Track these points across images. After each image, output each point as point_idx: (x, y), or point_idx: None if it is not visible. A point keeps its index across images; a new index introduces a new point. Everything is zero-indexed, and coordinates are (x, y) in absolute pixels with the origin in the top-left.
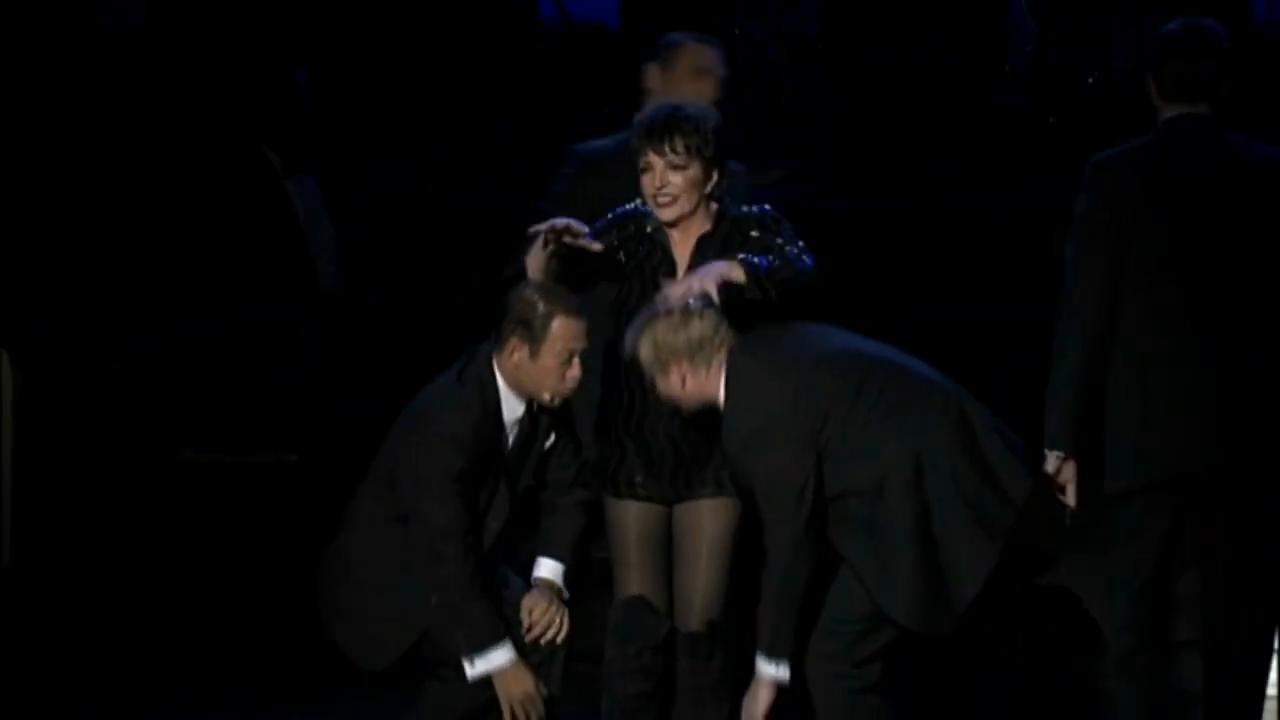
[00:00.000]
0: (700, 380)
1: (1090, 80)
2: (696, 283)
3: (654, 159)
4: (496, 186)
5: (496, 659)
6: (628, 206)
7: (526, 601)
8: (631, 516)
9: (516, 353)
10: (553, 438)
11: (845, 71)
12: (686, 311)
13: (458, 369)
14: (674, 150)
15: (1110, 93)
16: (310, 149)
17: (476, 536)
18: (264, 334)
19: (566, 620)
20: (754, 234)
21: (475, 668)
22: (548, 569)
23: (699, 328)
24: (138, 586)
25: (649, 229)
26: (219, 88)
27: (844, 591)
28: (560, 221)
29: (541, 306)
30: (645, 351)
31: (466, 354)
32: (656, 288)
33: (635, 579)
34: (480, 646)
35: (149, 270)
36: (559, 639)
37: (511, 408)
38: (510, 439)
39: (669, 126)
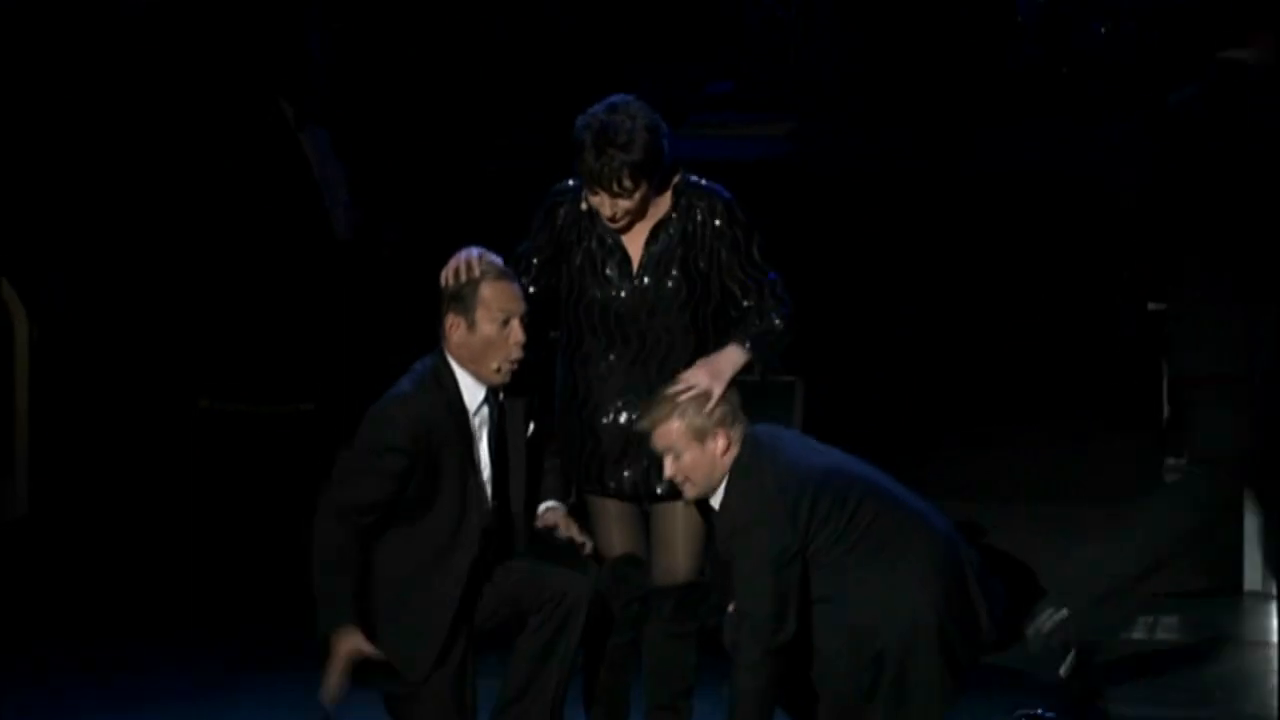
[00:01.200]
0: (731, 453)
1: (1102, 31)
2: (704, 384)
3: (603, 195)
4: (511, 135)
5: (334, 639)
6: (557, 186)
7: (551, 517)
8: (610, 499)
9: (455, 330)
10: (531, 427)
11: (855, 26)
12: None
13: (417, 364)
14: (620, 185)
15: (1122, 45)
16: (325, 97)
17: (376, 522)
18: (278, 285)
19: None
20: (706, 223)
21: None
22: (553, 504)
23: (725, 404)
24: (155, 536)
25: (585, 207)
26: (232, 41)
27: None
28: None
29: (466, 277)
30: (679, 425)
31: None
32: (610, 282)
33: (616, 528)
34: (324, 624)
35: (163, 224)
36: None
37: (472, 393)
38: (480, 428)
39: (609, 162)
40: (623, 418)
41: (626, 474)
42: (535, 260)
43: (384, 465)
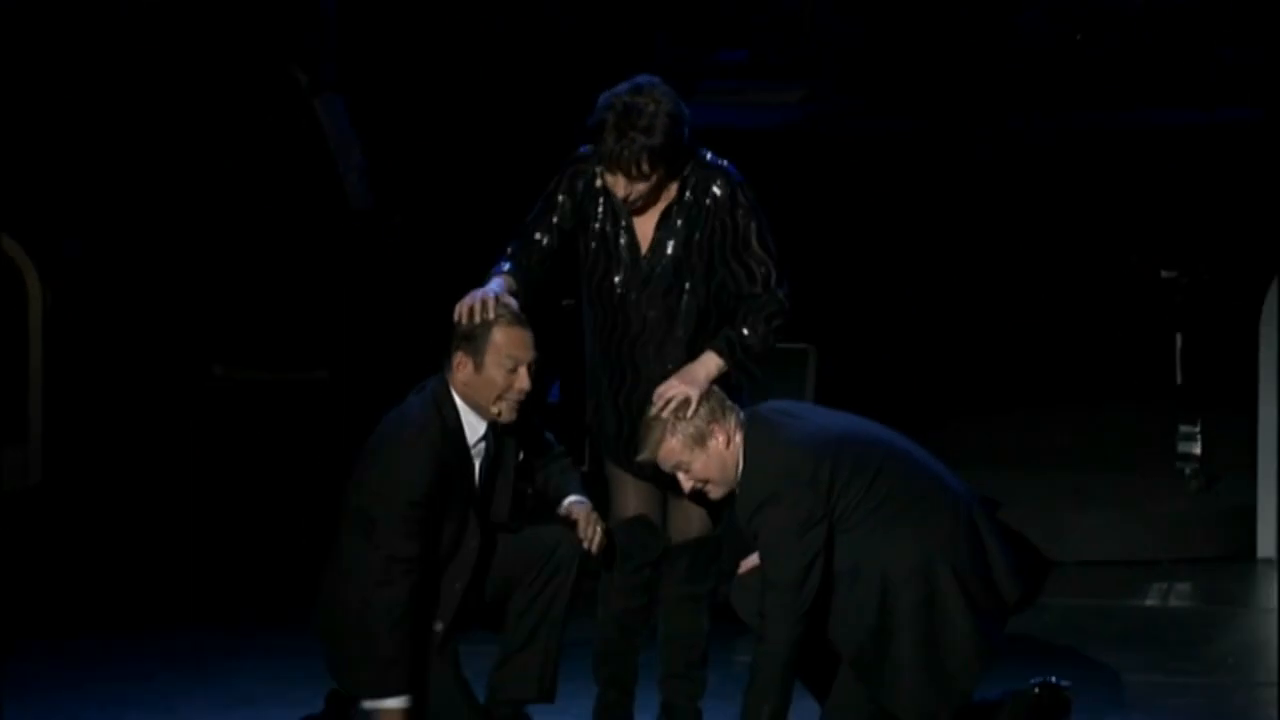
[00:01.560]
0: (735, 443)
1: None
2: (679, 391)
3: (619, 177)
4: (527, 109)
5: (388, 704)
6: (577, 153)
7: (575, 510)
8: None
9: (463, 368)
10: (521, 455)
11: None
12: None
13: (416, 392)
14: (639, 171)
15: (1139, 13)
16: (339, 69)
17: (432, 568)
18: (292, 252)
19: (602, 532)
20: (715, 215)
21: (363, 704)
22: (576, 499)
23: (705, 400)
24: (168, 503)
25: (599, 183)
26: (246, 8)
27: (849, 690)
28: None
29: (480, 318)
30: (676, 439)
31: (425, 381)
32: (621, 263)
33: (632, 492)
34: (377, 693)
35: (178, 192)
36: (597, 545)
37: (473, 427)
38: (477, 461)
39: (632, 154)
40: (640, 395)
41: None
42: (555, 232)
43: (413, 519)
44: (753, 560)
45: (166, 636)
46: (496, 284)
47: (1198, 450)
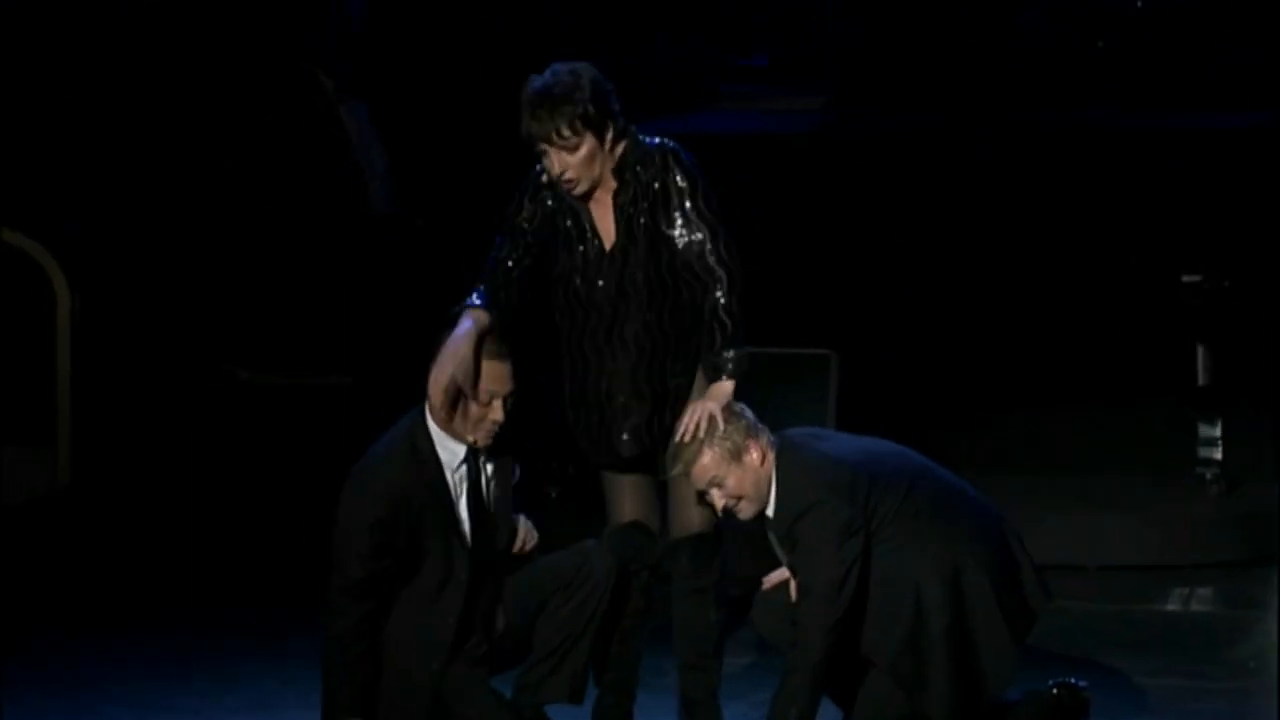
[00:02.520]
0: (769, 460)
1: (1139, 3)
2: (704, 409)
3: (545, 146)
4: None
5: None
6: (536, 168)
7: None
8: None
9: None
10: (518, 472)
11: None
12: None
13: (400, 420)
14: (560, 135)
15: (1161, 17)
16: (363, 73)
17: (411, 602)
18: (316, 257)
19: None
20: (655, 185)
21: None
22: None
23: (738, 418)
24: (194, 505)
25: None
26: (272, 13)
27: (875, 698)
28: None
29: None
30: (712, 454)
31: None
32: (587, 260)
33: (628, 496)
34: (328, 715)
35: (203, 196)
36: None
37: (451, 452)
38: (458, 485)
39: (549, 114)
40: (620, 387)
41: (625, 437)
42: (523, 249)
43: (362, 545)
44: (777, 576)
45: (181, 637)
46: (469, 322)
47: (1219, 454)
